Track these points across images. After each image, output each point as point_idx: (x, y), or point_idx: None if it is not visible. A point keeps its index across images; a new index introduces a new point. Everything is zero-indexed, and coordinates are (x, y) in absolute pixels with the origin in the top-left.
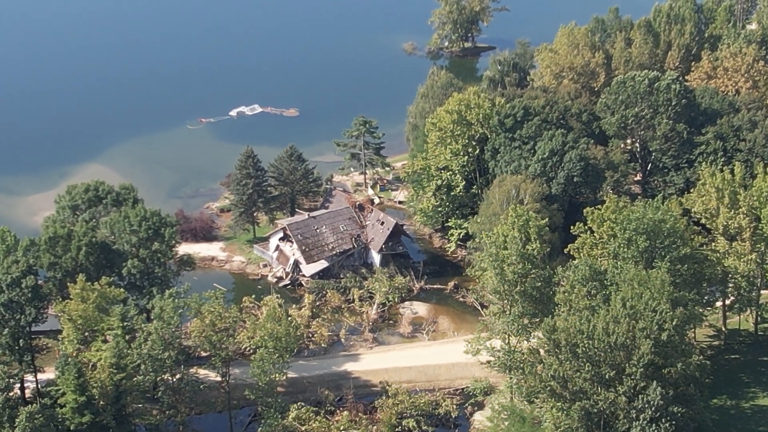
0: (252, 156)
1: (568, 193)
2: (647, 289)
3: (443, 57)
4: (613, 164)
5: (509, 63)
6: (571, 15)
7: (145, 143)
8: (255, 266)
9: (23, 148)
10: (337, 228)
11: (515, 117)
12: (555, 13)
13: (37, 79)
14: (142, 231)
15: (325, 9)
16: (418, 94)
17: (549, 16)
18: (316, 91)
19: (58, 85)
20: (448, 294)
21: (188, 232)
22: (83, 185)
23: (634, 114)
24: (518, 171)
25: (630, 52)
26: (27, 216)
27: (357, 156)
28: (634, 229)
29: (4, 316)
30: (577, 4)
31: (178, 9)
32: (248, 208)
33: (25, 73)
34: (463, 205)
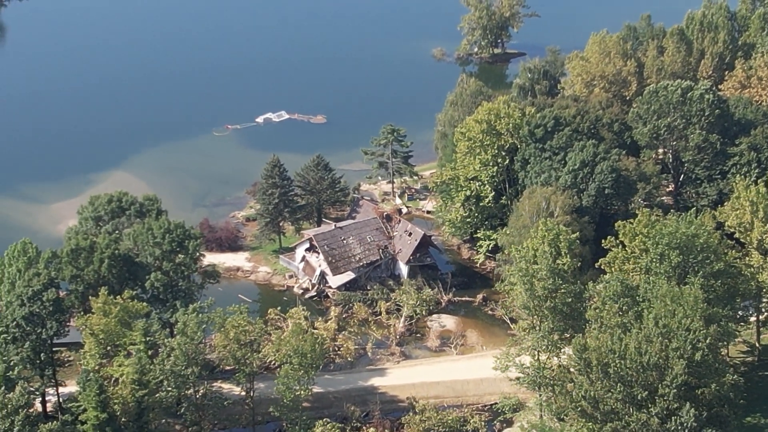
0: (278, 165)
1: (599, 205)
2: (680, 306)
3: (472, 63)
4: (645, 176)
5: (539, 71)
6: (602, 21)
7: (171, 150)
8: (281, 277)
9: (47, 155)
10: (364, 239)
11: (546, 127)
12: (586, 19)
13: (61, 85)
14: (166, 243)
15: (353, 14)
16: (447, 101)
17: (580, 21)
18: (343, 97)
19: (83, 92)
20: (476, 307)
21: (213, 241)
22: (106, 196)
23: (666, 124)
24: (548, 182)
25: (662, 61)
26: (50, 225)
27: (385, 165)
28: (666, 244)
29: (25, 330)
30: (608, 10)
31: (205, 14)
32: (274, 218)
33: (49, 79)
34: (492, 216)
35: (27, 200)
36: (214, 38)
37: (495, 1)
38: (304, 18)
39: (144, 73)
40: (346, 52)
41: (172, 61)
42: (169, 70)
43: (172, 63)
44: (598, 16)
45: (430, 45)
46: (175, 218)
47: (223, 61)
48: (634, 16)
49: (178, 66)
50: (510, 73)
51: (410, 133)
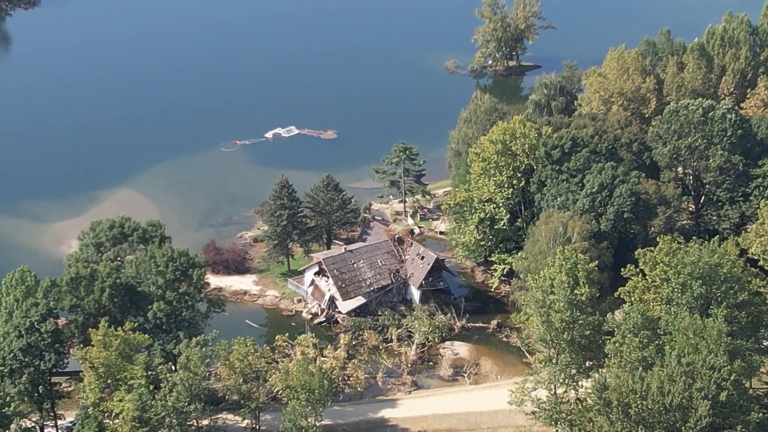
0: (287, 186)
1: (617, 229)
2: (703, 341)
3: (486, 76)
4: (665, 199)
5: (556, 86)
6: (619, 33)
7: (178, 167)
8: (289, 301)
9: (50, 171)
10: (375, 263)
11: (563, 148)
12: (603, 31)
13: (65, 98)
14: (169, 272)
15: (364, 27)
16: (461, 118)
17: (596, 34)
18: (354, 112)
19: (87, 105)
20: (490, 333)
21: (220, 264)
22: (108, 221)
23: (687, 145)
24: (565, 205)
25: (682, 77)
26: (53, 245)
27: (396, 183)
28: (688, 274)
29: (22, 362)
30: (625, 21)
31: (213, 27)
32: (282, 240)
33: (53, 92)
34: (507, 239)
35: (29, 219)
36: (221, 51)
37: (510, 13)
38: (314, 30)
39: (151, 87)
40: (357, 65)
41: (180, 74)
42: (176, 83)
43: (179, 76)
44: (615, 28)
45: (444, 57)
46: (182, 238)
47: (232, 74)
48: (653, 29)
49: (186, 79)
50: (525, 86)
51: (423, 149)
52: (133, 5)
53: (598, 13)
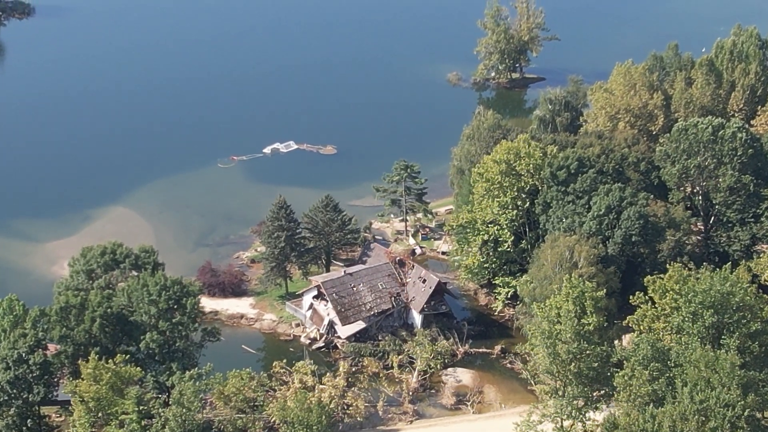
0: (285, 206)
1: (625, 253)
2: (715, 374)
3: (489, 88)
4: (674, 222)
5: (560, 101)
6: (625, 43)
7: (173, 183)
8: (287, 325)
9: (42, 188)
10: (376, 286)
11: (569, 169)
12: (608, 43)
13: (58, 112)
14: (162, 301)
15: (364, 39)
16: (463, 135)
17: (602, 45)
18: (355, 126)
19: (81, 119)
20: (494, 359)
21: (216, 286)
22: (99, 247)
23: (696, 164)
24: (572, 228)
25: (691, 94)
26: (45, 265)
27: (397, 202)
28: (699, 303)
29: (10, 395)
30: (631, 31)
31: (209, 41)
32: (280, 262)
33: (46, 106)
34: (511, 262)
35: (20, 238)
36: (218, 64)
37: (513, 25)
38: (313, 43)
39: (146, 101)
40: (357, 78)
41: (176, 87)
42: (172, 97)
43: (175, 90)
44: (620, 39)
45: (446, 69)
46: (177, 258)
47: (229, 88)
48: (659, 39)
49: (182, 93)
50: (528, 99)
51: (424, 165)
52: (129, 18)
53: (603, 23)
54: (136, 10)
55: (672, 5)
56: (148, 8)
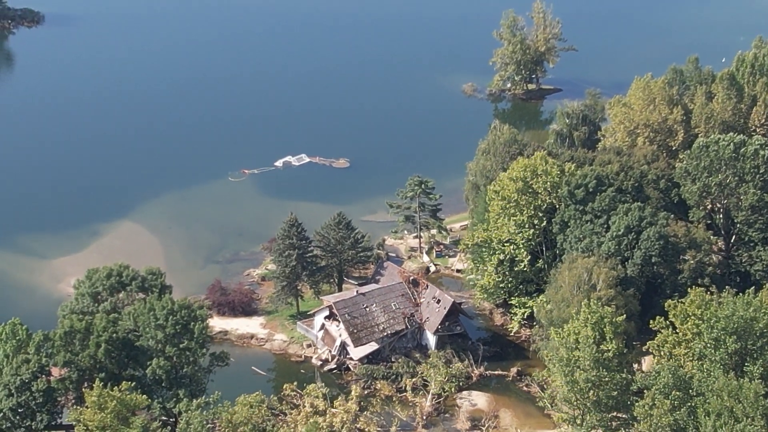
0: (296, 224)
1: (645, 274)
2: (739, 403)
3: (505, 100)
4: (695, 242)
5: (578, 116)
6: (643, 53)
7: (183, 197)
8: (298, 346)
9: (50, 202)
10: (389, 306)
11: (587, 187)
12: (626, 52)
13: (66, 124)
14: (169, 326)
15: (377, 50)
16: (479, 149)
17: (620, 55)
18: (368, 138)
19: (89, 132)
20: (510, 381)
21: (226, 305)
22: (105, 269)
23: (717, 182)
24: (590, 248)
25: (711, 108)
26: (51, 282)
27: (411, 218)
28: (722, 329)
29: (13, 422)
30: (649, 40)
31: (219, 50)
32: (291, 281)
33: (53, 120)
34: (527, 281)
35: (26, 254)
36: (229, 75)
37: (530, 35)
38: (326, 53)
39: (155, 112)
40: (371, 89)
41: (186, 99)
42: (182, 108)
43: (185, 101)
44: (638, 48)
45: (461, 80)
46: (186, 276)
47: (240, 99)
48: (677, 48)
49: (192, 105)
50: (545, 110)
51: (438, 180)
52: (138, 27)
53: (620, 33)
54: (146, 19)
55: (690, 14)
56: (157, 17)
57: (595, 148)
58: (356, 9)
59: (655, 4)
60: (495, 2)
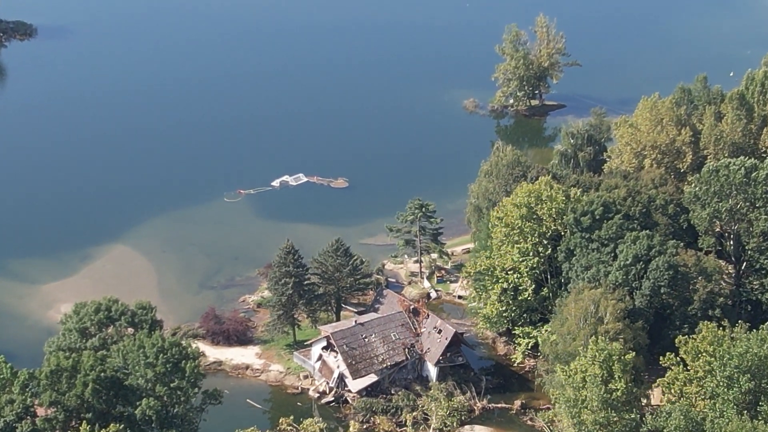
0: (292, 251)
1: (653, 305)
2: None
3: (507, 116)
4: (706, 272)
5: (583, 136)
6: (648, 68)
7: (177, 219)
8: (294, 377)
9: (39, 225)
10: (389, 337)
11: (593, 215)
12: (631, 67)
13: (56, 142)
14: (159, 365)
15: (377, 65)
16: (481, 171)
17: (625, 69)
18: (367, 157)
19: (80, 150)
20: (514, 414)
21: (220, 334)
22: (93, 304)
23: (728, 208)
24: (596, 278)
25: (721, 129)
26: (41, 309)
27: (412, 242)
28: (735, 367)
29: None
30: (654, 55)
31: (214, 67)
32: (288, 310)
33: (44, 135)
34: (531, 310)
35: (15, 279)
36: (225, 92)
37: (533, 50)
38: (323, 69)
39: (149, 130)
40: (370, 106)
41: (180, 116)
42: (176, 127)
43: (179, 119)
44: (644, 64)
45: (462, 96)
46: (180, 302)
47: (236, 117)
48: (683, 66)
49: (186, 123)
50: (548, 126)
51: (440, 201)
52: (131, 40)
53: (625, 47)
54: (139, 33)
55: (695, 28)
56: (151, 31)
57: (600, 170)
58: (354, 22)
59: (659, 18)
60: (497, 16)
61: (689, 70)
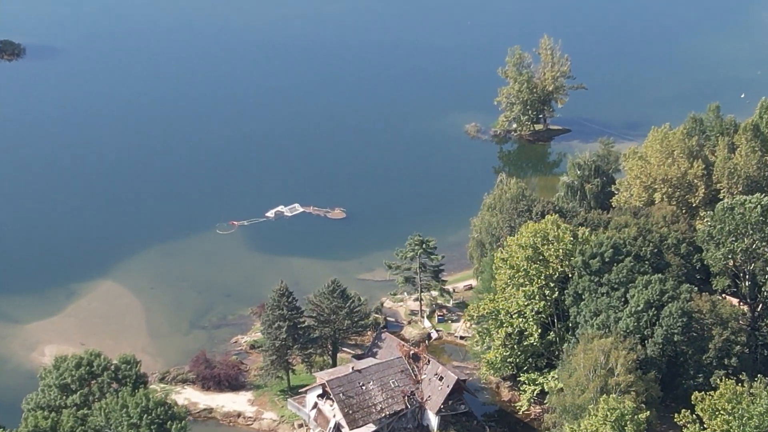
0: (286, 294)
1: (666, 353)
2: None
3: (511, 141)
4: (721, 319)
5: (590, 167)
6: (656, 91)
7: (167, 253)
8: (288, 426)
9: (22, 259)
10: (387, 384)
11: (603, 257)
12: (638, 90)
13: (39, 176)
14: (144, 426)
15: (375, 89)
16: (484, 204)
17: (632, 92)
18: (365, 186)
19: (66, 179)
20: None
21: (211, 379)
22: (74, 358)
23: (743, 248)
24: (606, 324)
25: (734, 162)
26: (24, 351)
27: (412, 280)
28: (755, 427)
29: None
30: (662, 78)
31: (206, 89)
32: (281, 354)
33: (27, 168)
34: (537, 355)
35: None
36: (216, 117)
37: (537, 73)
38: (319, 92)
39: (137, 160)
40: (368, 132)
41: (169, 143)
42: (166, 155)
43: (168, 145)
44: (651, 87)
45: (463, 120)
46: (170, 343)
47: (228, 145)
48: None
49: (176, 149)
50: (552, 152)
51: (441, 233)
52: (121, 62)
53: (631, 69)
54: (128, 54)
55: (703, 48)
56: (141, 53)
57: (608, 203)
58: (351, 43)
59: (667, 39)
60: (500, 36)
61: (698, 91)
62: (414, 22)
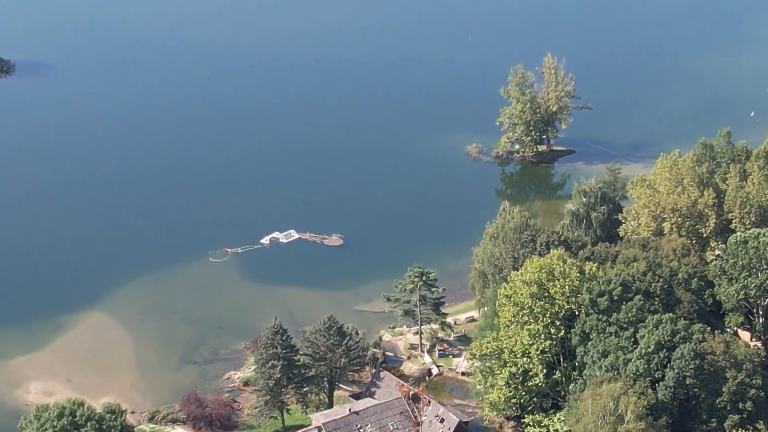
0: (280, 332)
1: (677, 397)
2: None
3: (513, 162)
4: (735, 361)
5: (596, 194)
6: (662, 111)
7: (158, 282)
8: None
9: (7, 291)
10: (386, 426)
11: (611, 295)
12: (644, 109)
13: (24, 197)
14: None
15: (373, 111)
16: (486, 234)
17: (638, 112)
18: (363, 211)
19: (51, 204)
20: None
21: (202, 419)
22: (56, 407)
23: (757, 283)
24: (615, 366)
25: (747, 191)
26: (7, 389)
27: (411, 312)
28: None
29: None
30: (668, 97)
31: (199, 110)
32: (276, 394)
33: (12, 194)
34: (543, 395)
35: None
36: (210, 139)
37: (540, 93)
38: (316, 113)
39: (127, 181)
40: (366, 152)
41: (161, 167)
42: (156, 178)
43: (160, 169)
44: (657, 106)
45: (465, 141)
46: (160, 379)
47: (221, 169)
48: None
49: (168, 173)
50: (556, 173)
51: (441, 261)
52: (111, 80)
53: (637, 88)
54: (119, 72)
55: (709, 66)
56: (132, 71)
57: (615, 231)
58: (347, 66)
59: (672, 57)
60: (502, 54)
61: (705, 109)
62: (413, 38)
